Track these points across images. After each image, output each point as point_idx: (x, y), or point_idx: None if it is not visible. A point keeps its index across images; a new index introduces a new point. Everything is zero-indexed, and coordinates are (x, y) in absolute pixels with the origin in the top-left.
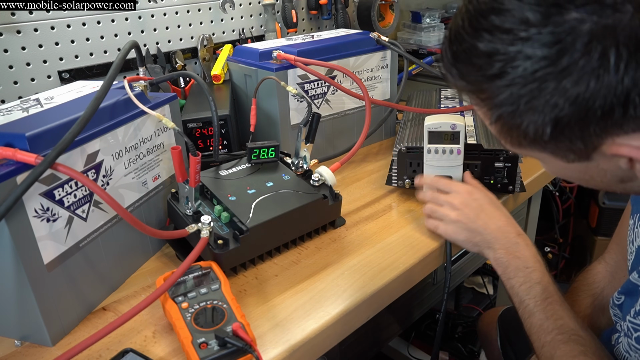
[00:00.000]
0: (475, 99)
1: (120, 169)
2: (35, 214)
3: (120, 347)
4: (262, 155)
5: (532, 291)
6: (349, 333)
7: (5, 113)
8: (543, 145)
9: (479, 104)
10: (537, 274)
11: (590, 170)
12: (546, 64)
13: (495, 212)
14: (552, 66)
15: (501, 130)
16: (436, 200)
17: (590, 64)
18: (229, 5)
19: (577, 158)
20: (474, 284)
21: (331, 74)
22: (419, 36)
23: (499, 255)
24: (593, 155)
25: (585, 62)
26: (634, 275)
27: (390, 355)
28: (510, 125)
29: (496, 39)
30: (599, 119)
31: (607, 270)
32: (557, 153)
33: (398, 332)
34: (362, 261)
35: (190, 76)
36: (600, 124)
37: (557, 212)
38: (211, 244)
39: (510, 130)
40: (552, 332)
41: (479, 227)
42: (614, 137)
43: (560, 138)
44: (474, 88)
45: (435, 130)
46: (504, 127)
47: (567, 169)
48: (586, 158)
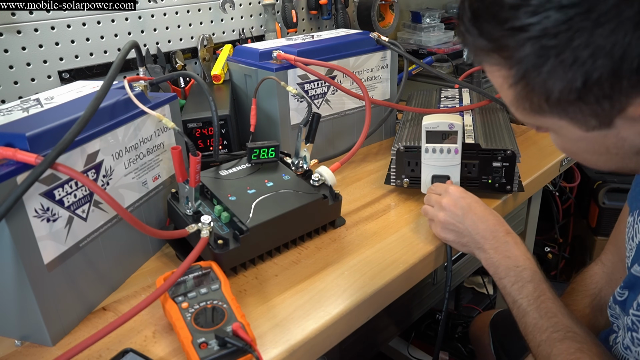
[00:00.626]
0: (495, 59)
1: (120, 169)
2: (35, 214)
3: (120, 347)
4: (262, 155)
5: (524, 290)
6: (349, 333)
7: (6, 113)
8: (565, 109)
9: (499, 64)
10: (528, 272)
11: (607, 140)
12: (580, 12)
13: (484, 212)
14: (586, 13)
15: (520, 94)
16: (428, 201)
17: (631, 10)
18: (229, 5)
19: (598, 125)
20: (474, 284)
21: (331, 74)
22: (419, 36)
23: (489, 256)
24: (616, 121)
25: (625, 8)
26: (636, 267)
27: (390, 355)
28: (533, 85)
29: None
30: (634, 72)
31: (603, 271)
32: (577, 119)
33: (398, 332)
34: (362, 261)
35: (190, 76)
36: (633, 79)
37: (557, 212)
38: (211, 244)
39: (532, 91)
40: (546, 330)
41: (468, 228)
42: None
43: (587, 97)
44: (496, 46)
45: (432, 129)
46: (526, 88)
47: (583, 139)
48: (608, 124)
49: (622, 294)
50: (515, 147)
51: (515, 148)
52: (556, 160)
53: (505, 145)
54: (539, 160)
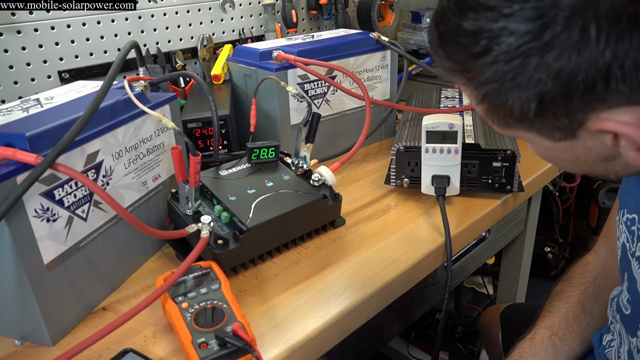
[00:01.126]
0: (462, 79)
1: (120, 169)
2: (35, 214)
3: (120, 347)
4: (262, 155)
5: None
6: (349, 333)
7: (6, 113)
8: (529, 124)
9: (465, 84)
10: None
11: (575, 149)
12: (529, 39)
13: None
14: (535, 41)
15: (487, 110)
16: None
17: (572, 37)
18: (229, 5)
19: (563, 136)
20: (474, 284)
21: (331, 74)
22: (419, 36)
23: None
24: (579, 133)
25: (567, 35)
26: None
27: (390, 355)
28: (496, 104)
29: (481, 16)
30: (582, 93)
31: (597, 261)
32: (543, 132)
33: (398, 332)
34: (362, 261)
35: (190, 76)
36: (583, 99)
37: (557, 212)
38: (211, 244)
39: (497, 109)
40: None
41: None
42: (598, 112)
43: (545, 115)
44: (460, 68)
45: (432, 129)
46: (490, 106)
47: (553, 149)
48: (572, 136)
49: (628, 308)
50: (515, 147)
51: (515, 148)
52: None
53: (505, 145)
54: (539, 160)
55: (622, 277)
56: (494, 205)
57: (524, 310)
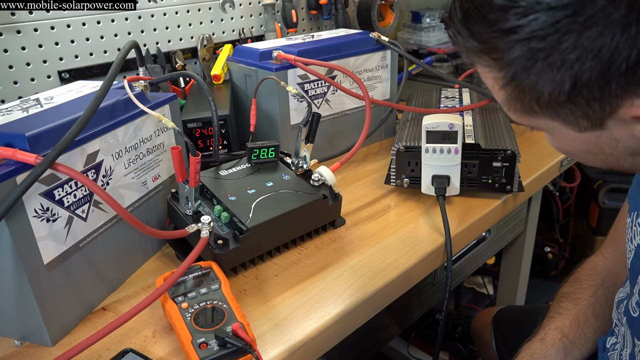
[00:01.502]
0: (486, 60)
1: (120, 169)
2: (35, 214)
3: (120, 347)
4: (262, 155)
5: None
6: (349, 333)
7: (5, 113)
8: (556, 110)
9: (490, 65)
10: None
11: (601, 140)
12: (568, 14)
13: None
14: (575, 16)
15: (512, 95)
16: None
17: (618, 12)
18: (229, 5)
19: (590, 126)
20: (474, 284)
21: (331, 74)
22: (419, 36)
23: None
24: (607, 122)
25: (612, 10)
26: None
27: (390, 355)
28: (523, 87)
29: None
30: (622, 75)
31: (605, 263)
32: (569, 120)
33: (398, 332)
34: (362, 261)
35: (190, 76)
36: (622, 82)
37: (557, 212)
38: (211, 244)
39: (523, 92)
40: None
41: None
42: (634, 98)
43: (577, 99)
44: (486, 47)
45: (433, 129)
46: (516, 89)
47: (577, 140)
48: (600, 125)
49: (636, 310)
50: (516, 147)
51: (515, 148)
52: (556, 160)
53: (506, 145)
54: (539, 160)
55: (634, 280)
56: (494, 205)
57: (517, 314)
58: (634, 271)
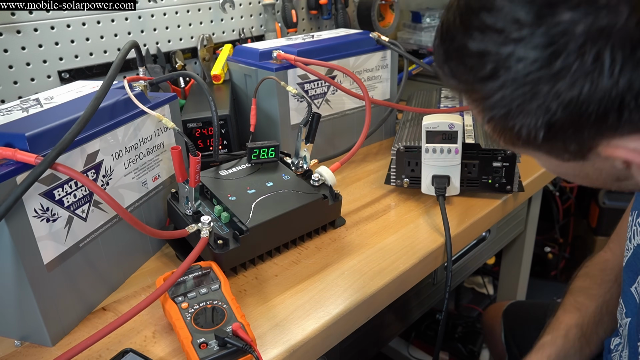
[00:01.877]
0: (467, 99)
1: (120, 169)
2: (35, 214)
3: (120, 347)
4: (262, 155)
5: None
6: (349, 333)
7: (5, 113)
8: (537, 147)
9: (471, 103)
10: None
11: (585, 168)
12: (539, 67)
13: None
14: (545, 69)
15: (494, 130)
16: None
17: (584, 67)
18: (229, 5)
19: (572, 157)
20: (474, 284)
21: (331, 74)
22: (419, 36)
23: None
24: (588, 156)
25: (579, 65)
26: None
27: (390, 355)
28: (502, 127)
29: (488, 38)
30: (593, 123)
31: (615, 260)
32: (551, 153)
33: (398, 332)
34: (362, 261)
35: (190, 76)
36: (594, 128)
37: (557, 212)
38: (211, 244)
39: (504, 131)
40: None
41: None
42: (609, 139)
43: (553, 141)
44: (466, 87)
45: (433, 129)
46: (497, 127)
47: (562, 166)
48: (581, 158)
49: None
50: None
51: None
52: None
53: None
54: None
55: (631, 279)
56: (494, 205)
57: (527, 309)
58: (632, 269)
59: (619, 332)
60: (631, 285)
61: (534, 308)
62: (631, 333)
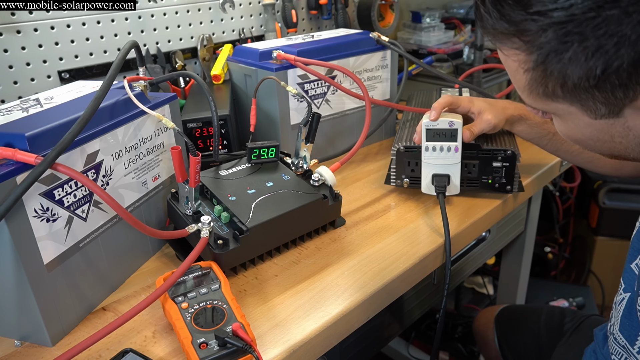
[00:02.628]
0: (515, 43)
1: (120, 169)
2: (35, 214)
3: (120, 347)
4: (262, 155)
5: None
6: (349, 333)
7: (5, 113)
8: (579, 95)
9: (518, 48)
10: None
11: (613, 128)
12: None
13: None
14: (615, 2)
15: (536, 79)
16: None
17: None
18: (229, 5)
19: (607, 113)
20: (474, 284)
21: (331, 74)
22: (419, 36)
23: None
24: (625, 110)
25: None
26: None
27: (390, 355)
28: (551, 70)
29: None
30: None
31: None
32: (588, 106)
33: (398, 332)
34: (362, 261)
35: (190, 76)
36: None
37: (557, 212)
38: (211, 244)
39: (549, 76)
40: None
41: None
42: None
43: (603, 85)
44: (517, 29)
45: (432, 127)
46: (543, 73)
47: (589, 126)
48: (616, 113)
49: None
50: (515, 147)
51: (515, 148)
52: (556, 160)
53: (505, 145)
54: (539, 160)
55: (635, 255)
56: (494, 205)
57: (519, 313)
58: (634, 247)
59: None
60: (632, 262)
61: (526, 312)
62: (629, 306)
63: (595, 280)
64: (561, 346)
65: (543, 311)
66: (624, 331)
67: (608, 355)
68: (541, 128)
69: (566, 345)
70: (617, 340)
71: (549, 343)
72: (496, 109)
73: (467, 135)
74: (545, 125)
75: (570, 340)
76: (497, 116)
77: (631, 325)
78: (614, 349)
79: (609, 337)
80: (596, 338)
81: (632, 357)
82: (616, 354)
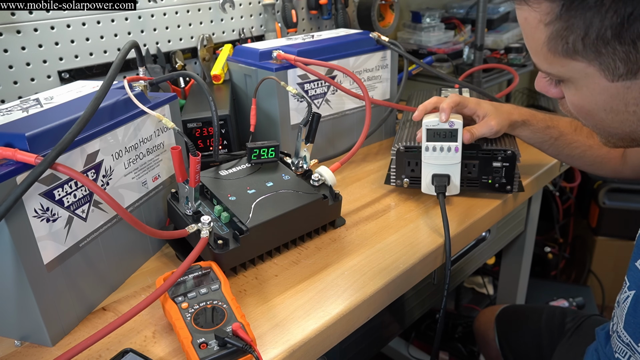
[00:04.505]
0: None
1: (120, 169)
2: (35, 214)
3: (120, 347)
4: (262, 155)
5: None
6: (349, 333)
7: (5, 113)
8: (599, 50)
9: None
10: None
11: (629, 94)
12: None
13: None
14: None
15: (557, 32)
16: None
17: None
18: (229, 5)
19: (625, 72)
20: (474, 284)
21: (331, 74)
22: (419, 36)
23: None
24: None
25: None
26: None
27: (390, 355)
28: (574, 20)
29: None
30: None
31: None
32: (607, 63)
33: (398, 332)
34: (362, 261)
35: (190, 76)
36: None
37: (557, 212)
38: (211, 244)
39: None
40: None
41: None
42: None
43: (625, 38)
44: None
45: (433, 127)
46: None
47: (604, 92)
48: (634, 73)
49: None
50: (515, 147)
51: (515, 148)
52: (556, 161)
53: (505, 145)
54: (539, 160)
55: (639, 253)
56: (494, 205)
57: (520, 313)
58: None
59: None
60: (637, 260)
61: (527, 312)
62: (634, 304)
63: (595, 280)
64: (562, 346)
65: (544, 311)
66: (628, 329)
67: (611, 353)
68: (543, 133)
69: (567, 345)
70: (621, 338)
71: (550, 343)
72: (501, 115)
73: (467, 137)
74: (548, 130)
75: (572, 340)
76: (500, 122)
77: (636, 323)
78: (617, 347)
79: (612, 335)
80: (598, 337)
81: (636, 355)
82: (620, 352)
